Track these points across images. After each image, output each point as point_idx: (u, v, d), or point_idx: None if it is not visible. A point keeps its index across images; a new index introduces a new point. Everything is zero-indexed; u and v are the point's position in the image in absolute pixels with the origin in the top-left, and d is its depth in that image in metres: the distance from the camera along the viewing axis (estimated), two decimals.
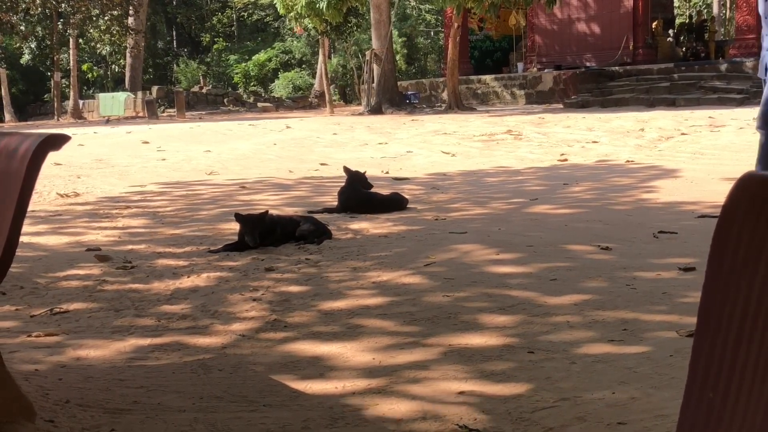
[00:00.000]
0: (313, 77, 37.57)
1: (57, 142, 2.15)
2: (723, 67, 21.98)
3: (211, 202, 7.91)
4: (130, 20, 34.92)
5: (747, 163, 8.99)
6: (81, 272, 4.73)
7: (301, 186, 9.08)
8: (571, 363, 2.87)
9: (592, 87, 23.00)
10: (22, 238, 4.89)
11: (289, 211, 7.03)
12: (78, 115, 31.46)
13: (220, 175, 10.29)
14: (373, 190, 6.86)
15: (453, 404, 2.55)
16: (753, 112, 14.81)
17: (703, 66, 22.64)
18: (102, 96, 34.38)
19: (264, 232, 5.28)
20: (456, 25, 22.80)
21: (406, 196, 7.17)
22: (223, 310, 3.81)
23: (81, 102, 33.47)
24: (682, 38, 25.35)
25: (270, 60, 40.46)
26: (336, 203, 6.93)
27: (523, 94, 24.88)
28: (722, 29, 36.61)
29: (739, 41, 23.15)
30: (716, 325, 1.25)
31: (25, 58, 37.45)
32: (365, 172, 6.96)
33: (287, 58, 40.89)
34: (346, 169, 6.93)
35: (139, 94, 32.46)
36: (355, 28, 26.98)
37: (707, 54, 24.17)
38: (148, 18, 40.02)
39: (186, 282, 4.40)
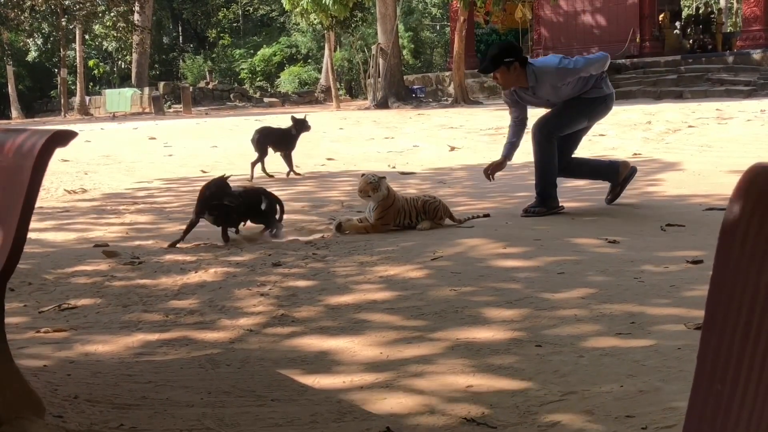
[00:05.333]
0: (319, 72, 37.55)
1: (64, 138, 2.15)
2: (730, 59, 21.90)
3: None
4: (136, 16, 34.95)
5: (755, 155, 8.97)
6: (89, 268, 4.75)
7: (307, 181, 9.09)
8: (578, 356, 2.87)
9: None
10: (30, 235, 4.90)
11: (296, 206, 7.04)
12: (85, 112, 31.52)
13: (220, 171, 10.29)
14: None
15: (460, 398, 2.55)
16: (761, 104, 14.76)
17: (710, 58, 22.56)
18: (108, 92, 34.44)
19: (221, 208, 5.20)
20: (462, 18, 22.75)
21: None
22: (230, 305, 3.82)
23: (87, 98, 33.53)
24: (689, 30, 25.26)
25: (275, 54, 40.43)
26: None
27: None
28: (729, 21, 36.46)
29: (746, 33, 23.05)
30: (724, 318, 1.24)
31: (32, 54, 37.52)
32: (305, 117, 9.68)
33: (293, 52, 40.86)
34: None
35: (146, 90, 32.49)
36: (360, 22, 26.98)
37: (714, 46, 24.08)
38: (154, 13, 40.03)
39: (193, 277, 4.41)
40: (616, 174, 6.21)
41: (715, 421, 1.24)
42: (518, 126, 6.10)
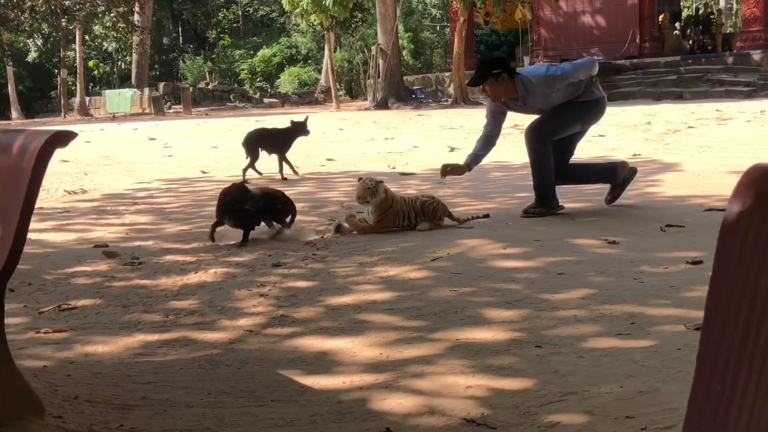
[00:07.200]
0: (319, 73, 37.55)
1: (64, 138, 2.15)
2: (730, 59, 21.89)
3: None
4: (136, 17, 34.96)
5: (754, 155, 8.97)
6: (89, 268, 4.75)
7: (307, 181, 9.08)
8: (578, 357, 2.87)
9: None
10: (30, 235, 4.90)
11: (296, 207, 7.03)
12: (85, 112, 31.53)
13: (220, 172, 10.30)
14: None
15: (460, 398, 2.55)
16: (760, 105, 14.76)
17: (710, 59, 22.56)
18: (108, 93, 34.47)
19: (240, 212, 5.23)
20: (462, 19, 22.76)
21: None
22: (230, 306, 3.82)
23: (87, 99, 33.55)
24: (688, 31, 25.26)
25: (275, 55, 40.45)
26: None
27: None
28: (729, 22, 36.47)
29: (746, 34, 23.05)
30: (724, 318, 1.24)
31: (32, 55, 37.52)
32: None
33: (293, 53, 40.87)
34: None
35: (146, 90, 32.50)
36: (360, 23, 26.99)
37: (714, 47, 24.07)
38: (154, 14, 40.03)
39: (193, 278, 4.41)
40: (614, 175, 6.22)
41: (715, 421, 1.24)
42: (487, 140, 6.08)
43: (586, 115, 6.02)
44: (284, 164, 9.24)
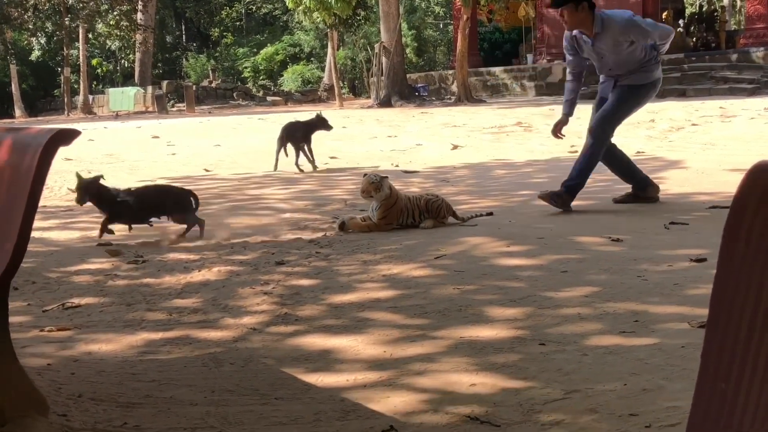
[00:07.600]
0: (322, 70, 37.55)
1: (67, 137, 2.15)
2: (733, 57, 21.86)
3: (219, 196, 7.93)
4: (139, 15, 34.98)
5: (758, 153, 8.95)
6: (92, 267, 4.75)
7: (310, 179, 9.09)
8: (582, 355, 2.87)
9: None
10: (34, 233, 4.90)
11: (300, 205, 7.04)
12: (88, 110, 31.55)
13: (223, 170, 10.30)
14: None
15: (463, 396, 2.55)
16: (764, 102, 14.73)
17: (714, 56, 22.53)
18: (112, 91, 34.49)
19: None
20: (465, 17, 22.73)
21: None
22: (233, 304, 3.82)
23: (91, 97, 33.58)
24: (692, 28, 25.22)
25: (278, 53, 40.45)
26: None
27: (533, 85, 24.79)
28: (733, 19, 36.40)
29: (750, 31, 23.02)
30: (728, 316, 1.24)
31: (35, 53, 37.57)
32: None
33: (296, 51, 40.87)
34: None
35: (149, 89, 32.52)
36: (363, 20, 26.96)
37: (718, 44, 24.04)
38: (157, 12, 40.05)
39: (197, 276, 4.41)
40: (644, 187, 6.25)
41: (719, 419, 1.24)
42: (576, 80, 6.19)
43: (644, 99, 6.17)
44: (299, 156, 9.69)
